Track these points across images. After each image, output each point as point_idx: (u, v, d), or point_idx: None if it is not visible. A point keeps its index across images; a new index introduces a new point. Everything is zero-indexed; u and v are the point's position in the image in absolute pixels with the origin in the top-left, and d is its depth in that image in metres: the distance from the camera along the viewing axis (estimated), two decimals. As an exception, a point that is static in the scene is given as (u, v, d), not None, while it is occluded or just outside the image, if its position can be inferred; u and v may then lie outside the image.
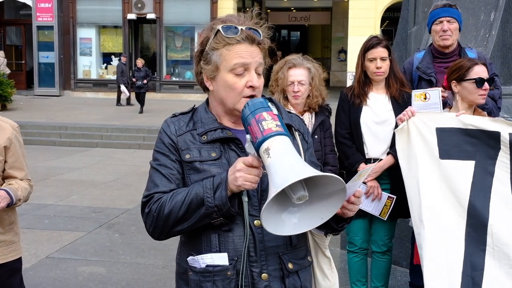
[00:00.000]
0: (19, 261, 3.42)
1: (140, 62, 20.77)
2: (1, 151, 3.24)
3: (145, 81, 19.90)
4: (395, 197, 4.28)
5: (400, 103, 4.27)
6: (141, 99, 19.78)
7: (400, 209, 4.32)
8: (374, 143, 4.35)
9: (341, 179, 1.75)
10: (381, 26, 26.40)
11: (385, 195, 4.31)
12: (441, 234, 3.47)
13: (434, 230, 3.48)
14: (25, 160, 3.42)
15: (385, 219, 4.36)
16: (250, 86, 2.10)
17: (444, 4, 4.49)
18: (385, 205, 4.31)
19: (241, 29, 2.10)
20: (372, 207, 4.35)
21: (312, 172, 1.71)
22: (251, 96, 2.10)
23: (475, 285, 3.32)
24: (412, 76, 4.68)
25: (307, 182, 1.76)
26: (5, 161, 3.28)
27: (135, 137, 15.50)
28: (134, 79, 20.02)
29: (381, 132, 4.33)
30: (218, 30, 2.11)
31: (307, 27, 35.40)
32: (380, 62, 4.25)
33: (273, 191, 1.70)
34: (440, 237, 3.46)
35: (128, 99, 21.76)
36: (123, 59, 21.62)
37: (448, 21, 4.41)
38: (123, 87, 21.02)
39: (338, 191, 1.81)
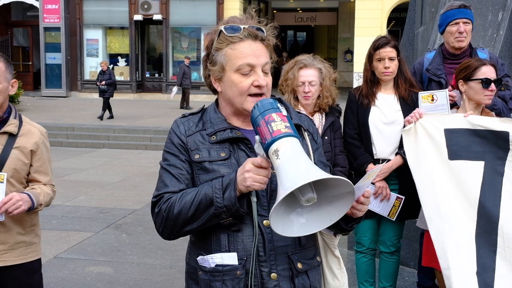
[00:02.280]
0: (38, 261, 3.46)
1: (104, 65, 19.01)
2: (27, 155, 3.28)
3: (103, 83, 17.99)
4: (403, 197, 4.27)
5: (409, 104, 4.25)
6: (104, 103, 18.13)
7: (408, 210, 4.32)
8: (383, 144, 4.34)
9: (350, 181, 1.75)
10: (387, 27, 26.37)
11: (394, 195, 4.30)
12: (452, 234, 3.44)
13: (451, 228, 3.46)
14: (51, 166, 3.46)
15: (394, 220, 4.35)
16: (257, 86, 2.11)
17: (460, 5, 4.43)
18: (393, 205, 4.30)
19: (243, 27, 2.12)
20: (381, 208, 4.34)
21: (321, 175, 1.71)
22: (258, 94, 2.11)
23: (487, 286, 3.30)
24: (422, 77, 4.65)
25: (315, 184, 1.76)
26: (31, 165, 3.32)
27: (142, 138, 15.54)
28: (98, 83, 18.44)
29: (389, 133, 4.31)
30: (221, 31, 2.13)
31: (313, 27, 35.39)
32: (388, 62, 4.23)
33: (281, 194, 1.71)
34: (455, 237, 3.44)
35: (182, 101, 20.94)
36: (187, 61, 21.31)
37: (464, 23, 4.37)
38: (174, 88, 20.48)
39: (346, 193, 1.81)
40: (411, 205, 4.28)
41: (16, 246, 3.27)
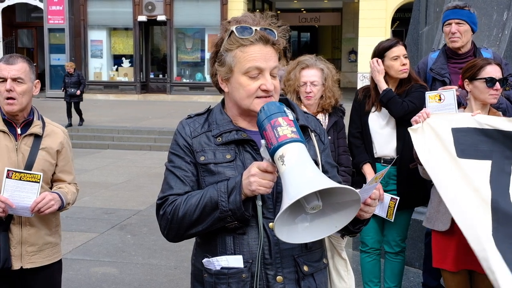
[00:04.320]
0: (60, 262, 3.51)
1: (71, 67, 16.98)
2: (53, 155, 3.32)
3: (78, 92, 16.43)
4: (398, 198, 4.26)
5: None
6: (75, 109, 16.50)
7: (412, 200, 4.34)
8: (383, 143, 4.37)
9: (356, 190, 1.74)
10: (391, 27, 26.31)
11: (388, 196, 4.28)
12: (470, 231, 3.39)
13: (463, 226, 3.41)
14: (73, 164, 3.52)
15: (392, 221, 4.33)
16: (264, 90, 2.08)
17: (455, 5, 4.48)
18: (389, 206, 4.29)
19: (255, 29, 2.08)
20: (378, 209, 4.33)
21: (327, 183, 1.70)
22: (265, 96, 2.09)
23: None
24: (426, 76, 4.67)
25: (321, 191, 1.74)
26: (56, 165, 3.35)
27: (146, 139, 15.55)
28: (63, 89, 16.73)
29: (388, 132, 4.34)
30: (232, 31, 2.09)
31: (317, 28, 35.35)
32: (404, 59, 4.27)
33: (286, 202, 1.69)
34: (471, 233, 3.38)
35: None
36: None
37: (457, 23, 4.41)
38: None
39: (352, 201, 1.80)
40: (412, 198, 4.29)
41: (44, 247, 3.32)
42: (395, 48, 4.27)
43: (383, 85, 4.29)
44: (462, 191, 3.48)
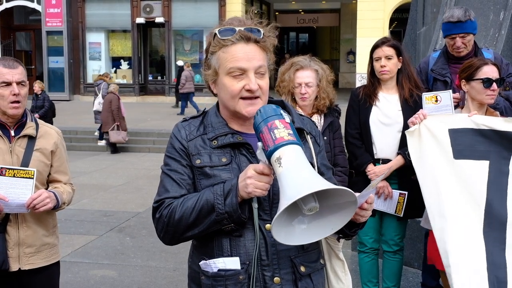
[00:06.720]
0: (58, 263, 3.51)
1: (38, 88, 13.97)
2: (48, 155, 3.33)
3: (37, 116, 11.02)
4: (406, 192, 4.26)
5: (411, 105, 4.25)
6: None
7: (411, 209, 4.32)
8: (383, 144, 4.35)
9: (353, 192, 1.74)
10: (389, 27, 26.35)
11: (396, 192, 4.30)
12: (461, 232, 3.43)
13: (455, 227, 3.44)
14: (68, 165, 3.52)
15: (401, 215, 4.33)
16: (248, 90, 2.08)
17: (457, 19, 4.30)
18: (398, 202, 4.30)
19: (238, 30, 2.09)
20: (386, 206, 4.35)
21: (324, 185, 1.70)
22: (250, 98, 2.09)
23: (500, 283, 3.27)
24: (427, 76, 4.66)
25: (318, 193, 1.74)
26: (51, 165, 3.37)
27: (145, 141, 15.56)
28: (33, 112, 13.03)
29: (389, 133, 4.32)
30: (215, 34, 2.11)
31: (316, 29, 35.39)
32: (384, 61, 4.25)
33: (283, 204, 1.70)
34: (461, 235, 3.42)
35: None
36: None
37: (462, 37, 4.34)
38: None
39: (349, 203, 1.80)
40: (414, 204, 4.28)
41: (42, 249, 3.33)
42: (377, 49, 4.30)
43: (394, 165, 4.29)
44: (453, 196, 3.49)
